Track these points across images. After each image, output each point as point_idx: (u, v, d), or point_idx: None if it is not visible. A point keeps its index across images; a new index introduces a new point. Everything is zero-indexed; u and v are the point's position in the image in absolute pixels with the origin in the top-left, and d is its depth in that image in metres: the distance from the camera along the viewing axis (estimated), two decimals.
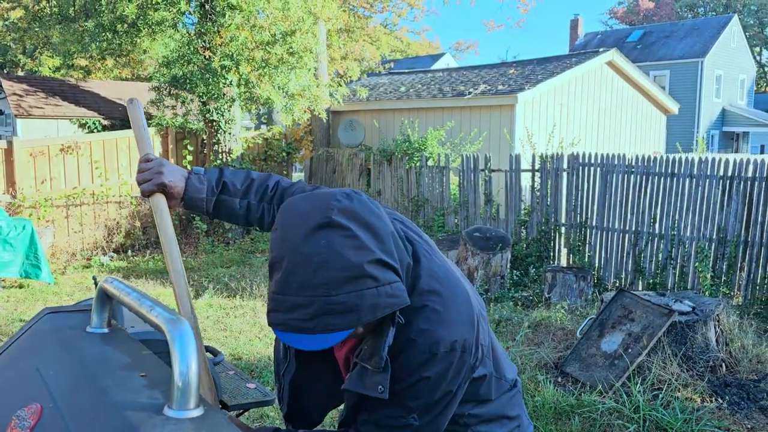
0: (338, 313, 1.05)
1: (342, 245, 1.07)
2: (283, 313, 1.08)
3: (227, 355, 5.29)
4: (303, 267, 1.06)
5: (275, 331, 1.12)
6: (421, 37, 34.10)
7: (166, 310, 0.78)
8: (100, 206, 9.67)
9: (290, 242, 1.09)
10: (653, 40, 29.88)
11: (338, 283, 1.05)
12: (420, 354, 1.20)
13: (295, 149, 11.87)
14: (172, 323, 0.74)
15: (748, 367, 4.33)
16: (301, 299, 1.06)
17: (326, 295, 1.05)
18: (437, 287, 1.25)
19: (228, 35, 9.19)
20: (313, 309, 1.05)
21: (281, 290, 1.08)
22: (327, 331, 1.06)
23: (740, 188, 6.62)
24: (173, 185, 1.47)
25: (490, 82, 11.03)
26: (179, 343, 0.72)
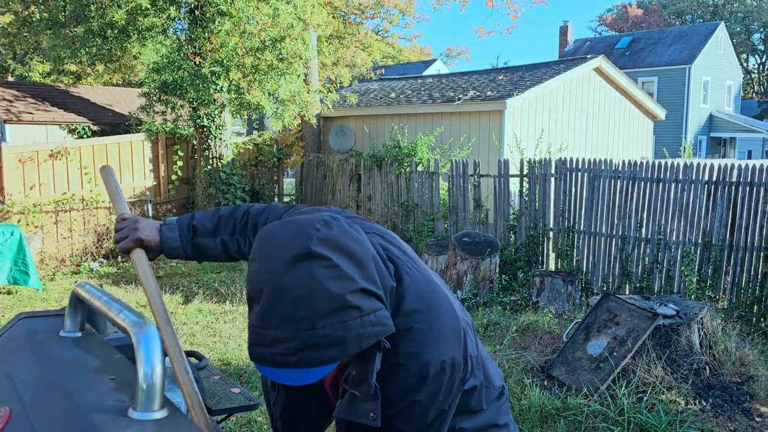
0: (323, 346, 1.03)
1: (323, 276, 1.04)
2: (265, 347, 1.04)
3: (216, 360, 5.29)
4: (284, 299, 1.03)
5: (257, 366, 1.09)
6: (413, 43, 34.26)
7: (134, 314, 0.80)
8: (89, 212, 9.64)
9: (269, 274, 1.06)
10: (641, 46, 30.14)
11: (322, 315, 1.02)
12: (410, 377, 1.18)
13: (286, 155, 11.88)
14: (137, 326, 0.77)
15: (732, 370, 4.37)
16: (282, 333, 1.03)
17: (310, 329, 1.02)
18: (421, 306, 1.23)
19: (218, 41, 9.21)
20: (297, 343, 1.02)
21: (261, 324, 1.05)
22: (312, 365, 1.04)
23: (725, 193, 6.69)
24: (149, 239, 1.50)
25: (479, 88, 11.10)
26: (144, 346, 0.75)
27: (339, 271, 1.06)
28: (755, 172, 6.55)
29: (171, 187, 10.75)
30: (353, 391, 1.19)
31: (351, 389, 1.20)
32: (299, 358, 1.02)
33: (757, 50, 44.55)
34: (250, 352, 1.07)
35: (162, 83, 9.43)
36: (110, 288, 7.86)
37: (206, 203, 10.39)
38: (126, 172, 10.19)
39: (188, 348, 5.49)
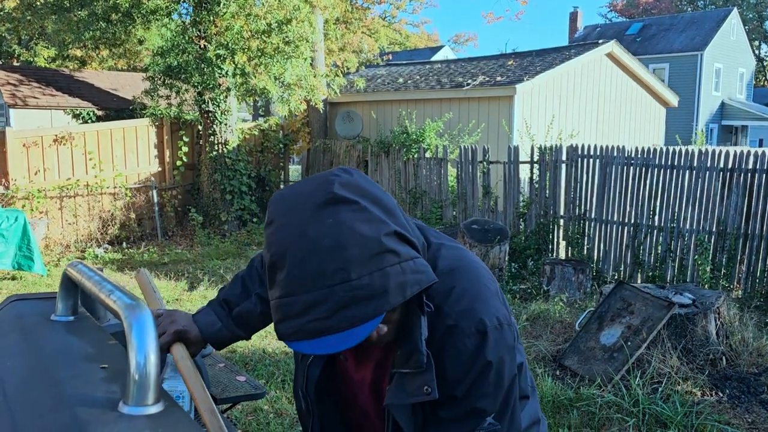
0: (363, 299, 0.90)
1: (353, 220, 0.92)
2: (296, 318, 0.91)
3: None
4: (312, 255, 0.91)
5: (289, 344, 0.94)
6: (420, 29, 33.92)
7: (127, 296, 0.70)
8: (94, 198, 9.57)
9: (290, 231, 0.94)
10: (652, 33, 29.74)
11: (357, 264, 0.90)
12: (468, 338, 1.04)
13: (292, 141, 11.76)
14: (130, 309, 0.66)
15: (749, 361, 4.26)
16: (315, 295, 0.90)
17: (346, 281, 0.89)
18: (458, 265, 1.12)
19: (223, 24, 9.07)
20: (333, 303, 0.89)
21: (288, 291, 0.92)
22: (352, 325, 0.90)
23: (740, 180, 6.55)
24: (187, 329, 1.40)
25: (488, 74, 10.93)
26: (137, 331, 0.64)
27: (369, 214, 0.95)
28: None
29: (176, 173, 10.67)
30: (402, 371, 1.06)
31: (400, 370, 1.07)
32: (338, 320, 0.89)
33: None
34: (277, 331, 0.94)
35: (166, 67, 9.31)
36: (114, 274, 7.80)
37: (211, 189, 10.30)
38: (131, 158, 10.11)
39: None
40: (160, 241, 9.95)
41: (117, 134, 9.94)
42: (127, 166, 10.04)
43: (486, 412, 1.06)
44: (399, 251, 0.94)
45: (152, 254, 8.98)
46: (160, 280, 7.47)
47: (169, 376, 1.80)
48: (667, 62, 27.73)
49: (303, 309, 0.90)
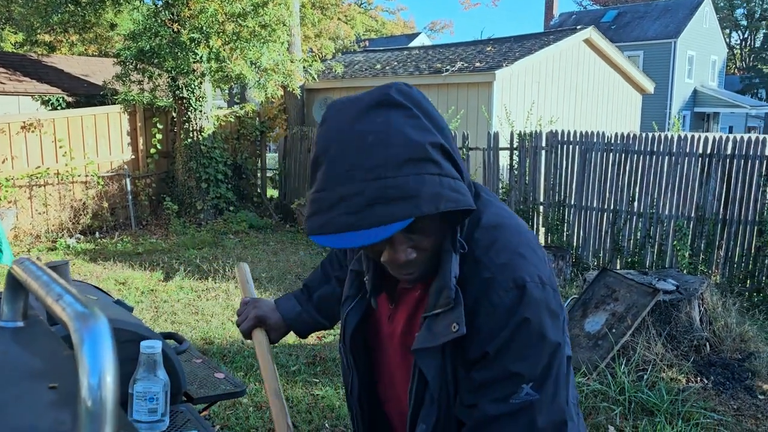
0: (394, 199, 0.88)
1: (402, 122, 0.92)
2: (325, 212, 0.91)
3: (198, 339, 5.09)
4: (354, 148, 0.90)
5: (315, 238, 0.93)
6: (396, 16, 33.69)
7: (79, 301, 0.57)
8: (65, 186, 9.29)
9: (339, 126, 0.94)
10: (627, 20, 29.91)
11: (396, 164, 0.89)
12: (505, 292, 0.97)
13: (268, 128, 11.55)
14: (81, 319, 0.53)
15: (732, 346, 4.27)
16: (348, 188, 0.89)
17: (381, 178, 0.88)
18: (505, 222, 1.06)
19: (197, 7, 8.81)
20: (364, 198, 0.88)
21: (324, 185, 0.92)
22: (380, 223, 0.88)
23: (719, 166, 6.57)
24: (267, 315, 1.47)
25: (467, 60, 10.83)
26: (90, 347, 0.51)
27: (419, 121, 0.94)
28: (750, 145, 6.44)
29: (150, 161, 10.41)
30: (431, 314, 1.02)
31: (429, 313, 1.02)
32: (366, 217, 0.88)
33: (739, 26, 44.57)
34: (308, 227, 0.94)
35: (138, 51, 9.03)
36: (87, 265, 7.59)
37: (186, 177, 10.07)
38: (103, 145, 9.82)
39: (169, 327, 5.28)
40: (134, 230, 9.72)
41: (88, 121, 9.64)
42: (99, 154, 9.76)
43: (522, 378, 0.97)
44: (441, 164, 0.93)
45: (126, 244, 8.75)
46: (134, 270, 7.28)
47: (141, 377, 1.68)
48: (642, 50, 27.92)
49: (335, 202, 0.90)
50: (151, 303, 6.04)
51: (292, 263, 7.73)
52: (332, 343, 5.05)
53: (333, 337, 5.22)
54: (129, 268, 7.39)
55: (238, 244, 8.86)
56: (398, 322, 1.17)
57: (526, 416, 0.96)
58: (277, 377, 1.35)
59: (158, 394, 1.67)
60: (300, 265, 7.70)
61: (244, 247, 8.70)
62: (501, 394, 0.97)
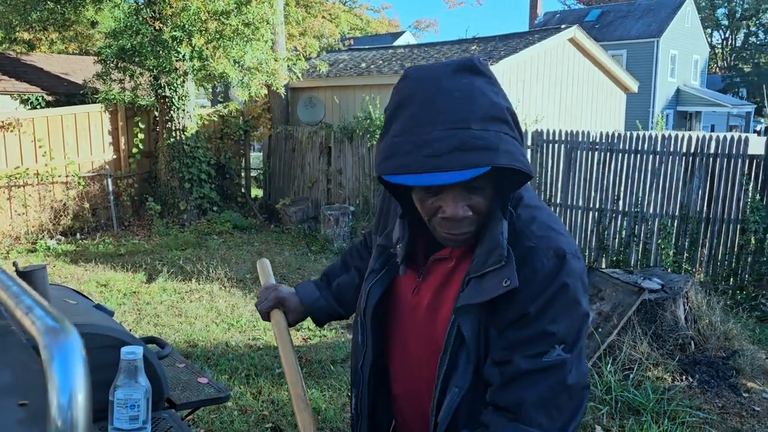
0: (477, 149, 0.96)
1: (485, 88, 1.02)
2: (405, 154, 0.99)
3: (182, 342, 5.02)
4: (441, 101, 0.99)
5: (391, 178, 1.02)
6: (381, 14, 33.65)
7: (49, 315, 0.53)
8: (45, 187, 9.14)
9: (424, 80, 1.03)
10: (610, 19, 30.13)
11: (481, 118, 0.98)
12: (547, 259, 1.05)
13: (252, 127, 11.46)
14: (51, 334, 0.50)
15: (717, 345, 4.29)
16: (434, 134, 0.97)
17: (465, 128, 0.97)
18: (542, 204, 1.19)
19: (179, 5, 8.70)
20: (448, 143, 0.96)
21: (406, 130, 1.00)
22: (462, 167, 0.96)
23: (702, 165, 6.62)
24: (286, 297, 1.54)
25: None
26: (60, 364, 0.48)
27: (498, 89, 1.05)
28: (733, 144, 6.49)
29: (132, 160, 10.28)
30: (479, 273, 1.08)
31: (476, 273, 1.09)
32: (449, 160, 0.96)
33: (721, 25, 45.11)
34: (381, 168, 1.02)
35: (119, 49, 8.90)
36: (68, 267, 7.47)
37: (169, 177, 9.96)
38: (84, 145, 9.68)
39: (152, 330, 5.20)
40: (116, 231, 9.59)
41: (68, 120, 9.49)
42: (79, 154, 9.61)
43: (555, 338, 1.04)
44: (514, 129, 1.04)
45: (108, 245, 8.64)
46: (116, 272, 7.18)
47: (122, 384, 1.63)
48: (625, 48, 28.14)
49: (418, 146, 0.98)
50: (134, 305, 5.96)
51: (277, 264, 7.67)
52: (318, 345, 5.01)
53: (319, 339, 5.18)
54: (111, 270, 7.28)
55: (222, 245, 8.78)
56: (425, 293, 1.22)
57: (557, 374, 1.03)
58: (294, 353, 1.42)
59: (139, 401, 1.63)
60: (285, 265, 7.64)
61: (228, 248, 8.62)
62: (535, 351, 1.04)
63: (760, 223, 6.25)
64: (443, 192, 1.06)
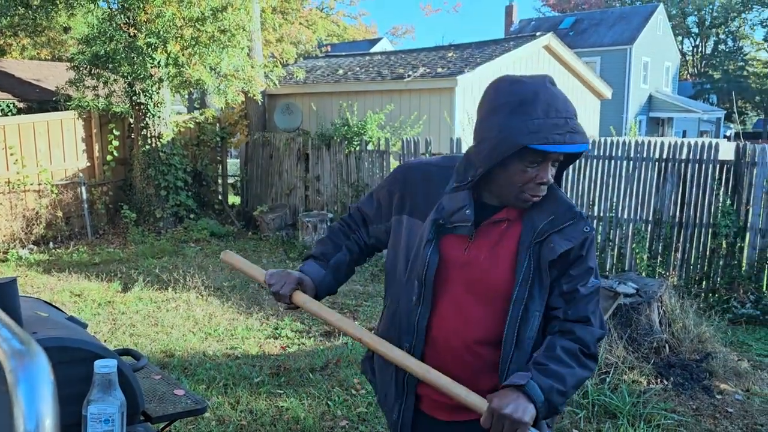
0: (580, 133, 1.44)
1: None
2: (551, 131, 1.40)
3: (158, 352, 4.95)
4: (558, 98, 1.44)
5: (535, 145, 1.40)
6: (358, 21, 33.64)
7: (16, 337, 0.51)
8: (16, 195, 8.97)
9: (537, 85, 1.47)
10: (584, 27, 30.57)
11: (575, 114, 1.47)
12: (582, 219, 1.54)
13: (229, 134, 11.39)
14: (17, 357, 0.48)
15: (690, 347, 4.36)
16: (561, 121, 1.41)
17: (574, 118, 1.45)
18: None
19: (154, 11, 8.63)
20: (569, 127, 1.42)
21: (546, 115, 1.42)
22: (579, 143, 1.42)
23: (675, 170, 6.74)
24: (302, 278, 1.71)
25: (429, 65, 10.89)
26: (26, 388, 0.46)
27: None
28: (704, 150, 6.61)
29: (106, 168, 10.14)
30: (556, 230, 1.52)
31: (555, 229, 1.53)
32: (571, 138, 1.41)
33: (691, 33, 46.03)
34: (534, 137, 1.40)
35: (93, 56, 8.78)
36: (41, 276, 7.33)
37: (145, 185, 9.84)
38: (56, 153, 9.52)
39: (128, 340, 5.13)
40: (90, 239, 9.44)
41: (40, 127, 9.34)
42: (52, 162, 9.46)
43: (593, 271, 1.54)
44: None
45: (82, 254, 8.50)
46: (90, 281, 7.06)
47: (96, 398, 1.60)
48: (599, 56, 28.55)
49: (560, 125, 1.41)
50: (109, 315, 5.87)
51: None
52: (296, 353, 4.98)
53: (297, 347, 5.15)
54: (85, 279, 7.16)
55: (199, 253, 8.69)
56: (478, 252, 1.54)
57: (596, 296, 1.55)
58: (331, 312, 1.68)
59: (114, 416, 1.60)
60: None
61: (205, 256, 8.54)
62: (587, 281, 1.52)
63: (730, 227, 6.37)
64: (544, 163, 1.46)
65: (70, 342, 1.80)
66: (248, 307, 6.22)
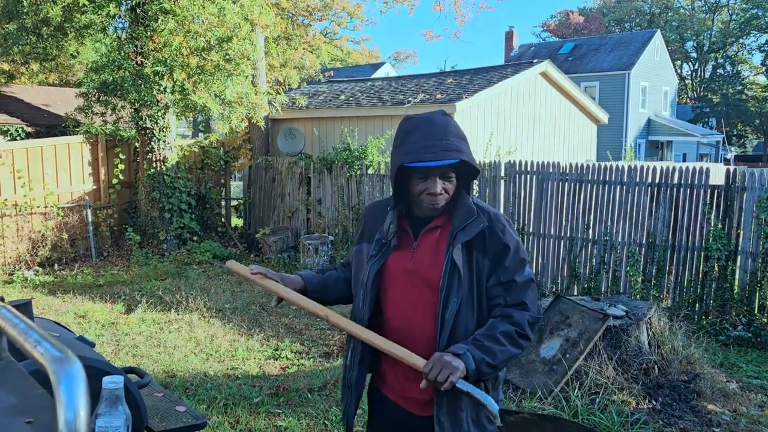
0: (453, 150, 1.75)
1: (453, 122, 1.83)
2: (421, 152, 1.75)
3: (161, 372, 5.08)
4: (435, 126, 1.79)
5: (409, 163, 1.77)
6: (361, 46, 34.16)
7: (54, 347, 0.68)
8: (23, 218, 9.16)
9: (422, 119, 1.83)
10: (583, 52, 31.00)
11: (454, 136, 1.78)
12: (505, 220, 1.89)
13: (233, 158, 11.61)
14: (58, 362, 0.65)
15: (679, 368, 4.47)
16: (433, 142, 1.75)
17: (447, 140, 1.76)
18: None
19: (161, 40, 8.90)
20: (441, 146, 1.74)
21: (419, 140, 1.78)
22: (447, 159, 1.73)
23: (667, 194, 6.89)
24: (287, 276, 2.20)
25: (428, 91, 11.12)
26: (66, 387, 0.63)
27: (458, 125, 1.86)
28: (695, 175, 6.77)
29: (112, 191, 10.34)
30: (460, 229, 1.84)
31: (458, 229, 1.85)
32: (441, 155, 1.74)
33: (690, 57, 46.55)
34: (407, 158, 1.77)
35: (101, 83, 9.04)
36: (46, 298, 7.47)
37: (149, 208, 10.03)
38: (63, 176, 9.73)
39: (130, 361, 5.25)
40: (94, 261, 9.60)
41: (48, 152, 9.56)
42: (59, 185, 9.66)
43: (526, 261, 1.87)
44: (469, 146, 1.83)
45: (86, 276, 8.65)
46: (94, 303, 7.20)
47: (103, 412, 1.74)
48: (598, 80, 28.93)
49: (426, 147, 1.75)
50: (112, 336, 5.99)
51: (256, 293, 7.75)
52: (296, 374, 5.09)
53: (297, 367, 5.27)
54: (89, 301, 7.30)
55: (201, 275, 8.84)
56: (422, 258, 1.88)
57: (531, 283, 1.86)
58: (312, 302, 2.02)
59: (120, 429, 1.73)
60: (264, 295, 7.71)
61: (208, 278, 8.68)
62: (522, 270, 1.85)
63: (722, 250, 6.50)
64: (430, 178, 1.78)
65: (81, 360, 1.94)
66: (249, 328, 6.35)
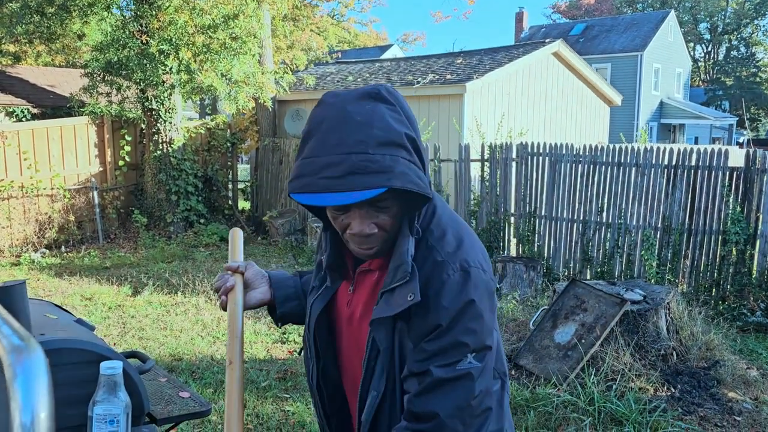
0: (371, 172, 1.03)
1: (386, 113, 1.09)
2: (309, 175, 1.05)
3: (167, 355, 5.00)
4: (344, 125, 1.06)
5: (297, 197, 1.09)
6: (369, 28, 33.80)
7: (15, 334, 0.55)
8: (30, 200, 9.08)
9: (332, 107, 1.10)
10: (595, 33, 30.51)
11: (377, 143, 1.05)
12: (454, 272, 1.14)
13: (240, 139, 11.47)
14: (16, 352, 0.51)
15: (698, 355, 4.34)
16: (334, 157, 1.04)
17: (362, 152, 1.03)
18: (455, 219, 1.26)
19: (166, 18, 8.73)
20: (345, 166, 1.03)
21: (313, 152, 1.07)
22: (356, 188, 1.03)
23: (684, 177, 6.71)
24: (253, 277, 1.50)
25: (438, 72, 10.92)
26: (23, 382, 0.49)
27: (400, 116, 1.11)
28: (713, 156, 6.58)
29: (118, 173, 10.25)
30: (389, 288, 1.16)
31: (386, 288, 1.17)
32: (345, 181, 1.03)
33: (703, 39, 45.81)
34: (290, 187, 1.09)
35: (106, 63, 8.90)
36: (53, 280, 7.41)
37: (156, 190, 9.94)
38: (69, 158, 9.64)
39: (136, 344, 5.18)
40: (101, 244, 9.53)
41: (54, 133, 9.46)
42: (65, 167, 9.57)
43: (468, 347, 1.13)
44: (412, 154, 1.10)
45: (93, 258, 8.58)
46: (101, 285, 7.13)
47: (101, 399, 1.64)
48: (609, 62, 28.49)
49: (320, 168, 1.04)
50: (118, 319, 5.92)
51: None
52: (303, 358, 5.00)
53: None
54: (96, 283, 7.24)
55: (208, 257, 8.75)
56: (357, 305, 1.29)
57: (467, 382, 1.13)
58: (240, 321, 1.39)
59: (119, 416, 1.63)
60: None
61: (215, 260, 8.59)
62: (450, 360, 1.13)
63: (740, 234, 6.33)
64: (351, 210, 1.13)
65: (77, 344, 1.83)
66: (256, 312, 6.26)
